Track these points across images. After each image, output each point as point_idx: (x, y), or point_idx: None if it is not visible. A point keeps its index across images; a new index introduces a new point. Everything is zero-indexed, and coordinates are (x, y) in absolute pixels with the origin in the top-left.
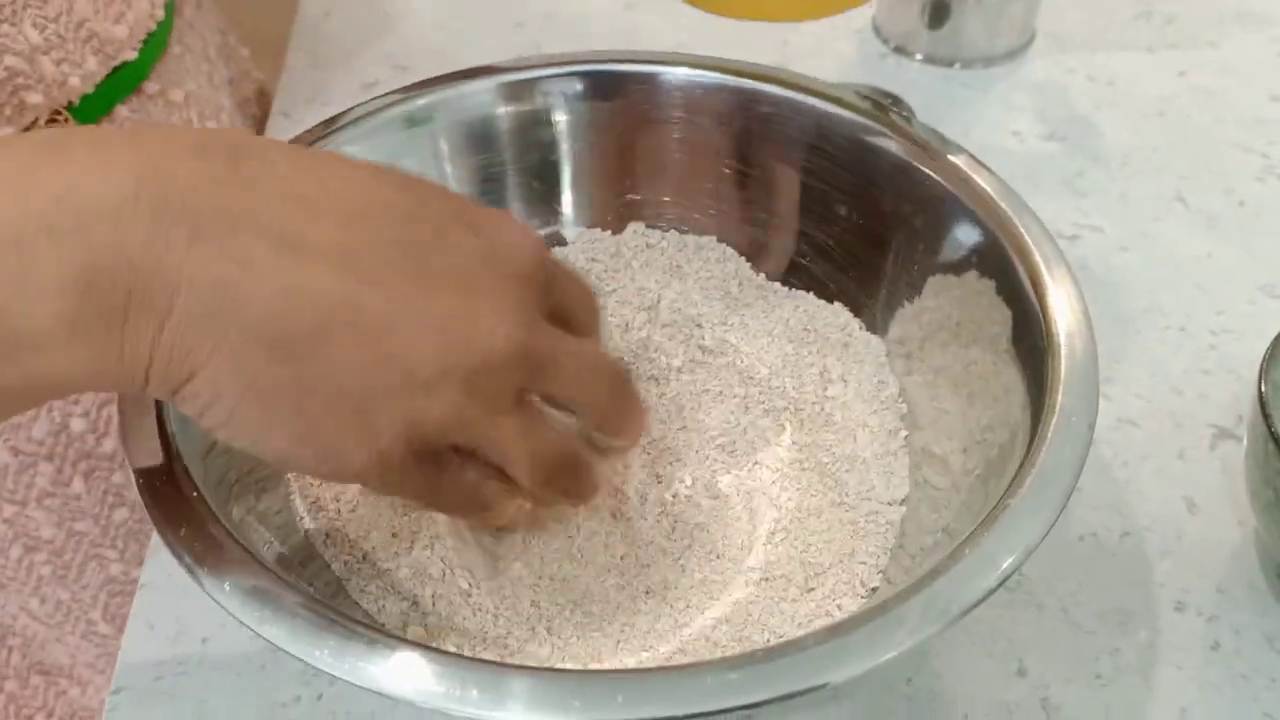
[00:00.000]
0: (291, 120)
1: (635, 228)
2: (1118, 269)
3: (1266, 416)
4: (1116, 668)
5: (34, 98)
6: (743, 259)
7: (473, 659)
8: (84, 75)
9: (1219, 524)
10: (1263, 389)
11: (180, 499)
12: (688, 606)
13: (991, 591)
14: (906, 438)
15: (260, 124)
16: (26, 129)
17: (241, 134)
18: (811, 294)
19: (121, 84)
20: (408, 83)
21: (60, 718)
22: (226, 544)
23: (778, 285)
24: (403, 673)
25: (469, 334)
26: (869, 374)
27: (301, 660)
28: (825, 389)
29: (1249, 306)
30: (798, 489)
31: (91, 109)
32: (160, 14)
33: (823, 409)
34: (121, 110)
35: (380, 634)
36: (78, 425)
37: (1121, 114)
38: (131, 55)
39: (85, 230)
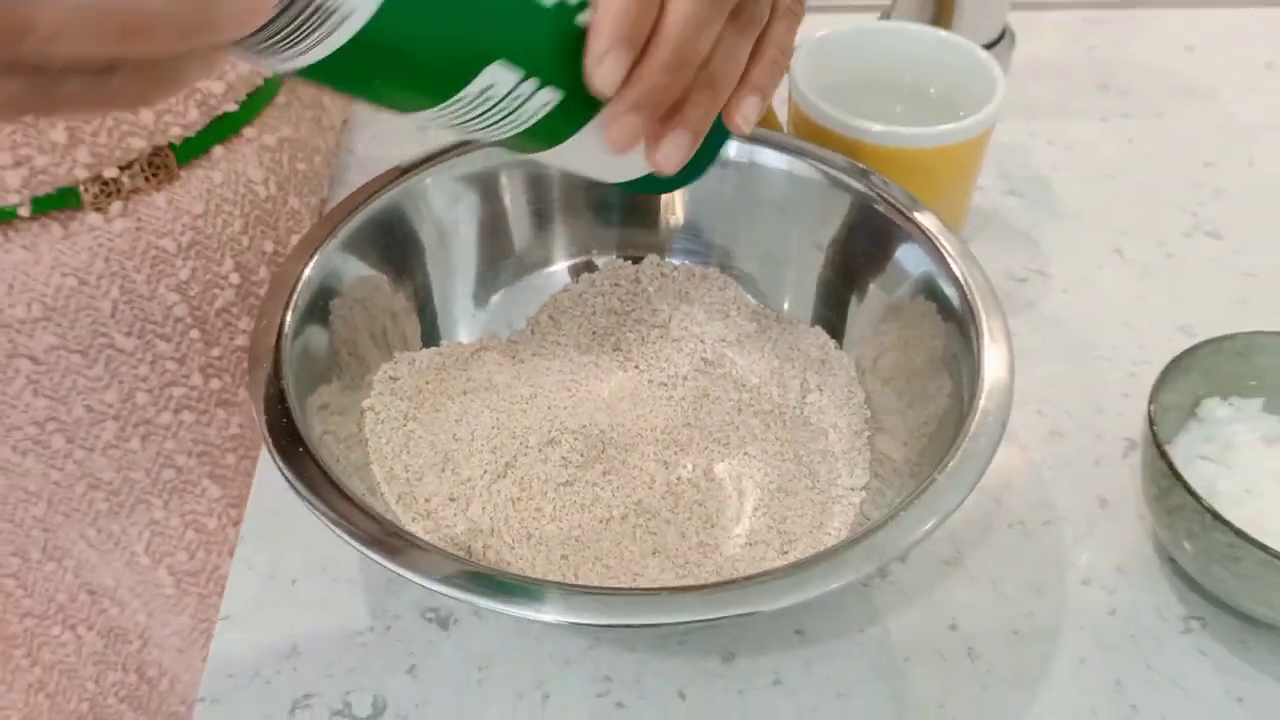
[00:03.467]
0: (355, 156)
1: (652, 259)
2: (1060, 308)
3: (1153, 429)
4: (1031, 627)
5: (138, 143)
6: (740, 288)
7: (529, 578)
8: (185, 125)
9: (1124, 518)
10: (1152, 408)
11: (304, 458)
12: (686, 563)
13: (917, 543)
14: (869, 437)
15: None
16: (128, 166)
17: None
18: (796, 319)
19: (221, 130)
20: None
21: (100, 632)
22: (342, 496)
23: (769, 310)
24: (474, 586)
25: None
26: (841, 385)
27: (410, 579)
28: (805, 397)
29: (1167, 343)
30: (779, 475)
31: (190, 149)
32: (263, 75)
33: (802, 412)
34: (218, 150)
35: (472, 563)
36: (142, 398)
37: (1075, 174)
38: (232, 107)
39: None
